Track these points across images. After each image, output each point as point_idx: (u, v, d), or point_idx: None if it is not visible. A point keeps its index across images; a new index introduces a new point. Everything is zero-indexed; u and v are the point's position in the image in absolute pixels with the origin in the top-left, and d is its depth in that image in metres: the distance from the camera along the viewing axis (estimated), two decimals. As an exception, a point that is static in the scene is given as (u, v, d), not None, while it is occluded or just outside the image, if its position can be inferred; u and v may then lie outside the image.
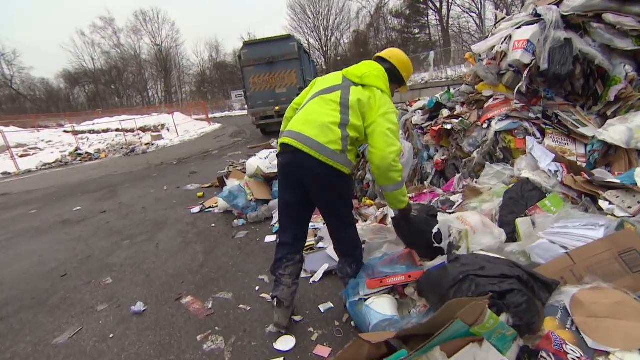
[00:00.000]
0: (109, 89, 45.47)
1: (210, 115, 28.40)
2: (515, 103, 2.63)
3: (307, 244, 2.73)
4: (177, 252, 3.16)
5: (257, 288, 2.37)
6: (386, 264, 2.01)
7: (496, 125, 2.60)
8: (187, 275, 2.68)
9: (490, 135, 2.63)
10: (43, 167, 12.61)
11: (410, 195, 2.76)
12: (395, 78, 1.91)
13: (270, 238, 3.15)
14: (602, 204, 1.62)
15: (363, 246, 2.14)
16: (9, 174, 11.74)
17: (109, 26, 42.21)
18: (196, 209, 4.32)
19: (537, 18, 2.49)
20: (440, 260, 1.64)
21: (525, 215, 1.85)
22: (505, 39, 2.63)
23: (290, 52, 10.46)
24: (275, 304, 1.89)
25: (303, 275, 2.40)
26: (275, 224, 3.38)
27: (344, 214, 1.87)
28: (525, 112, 2.59)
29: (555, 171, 2.03)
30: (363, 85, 1.73)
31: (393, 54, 1.95)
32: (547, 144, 2.31)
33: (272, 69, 10.58)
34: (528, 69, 2.53)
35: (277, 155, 1.83)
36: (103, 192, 6.50)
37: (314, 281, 2.36)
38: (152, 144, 15.52)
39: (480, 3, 27.64)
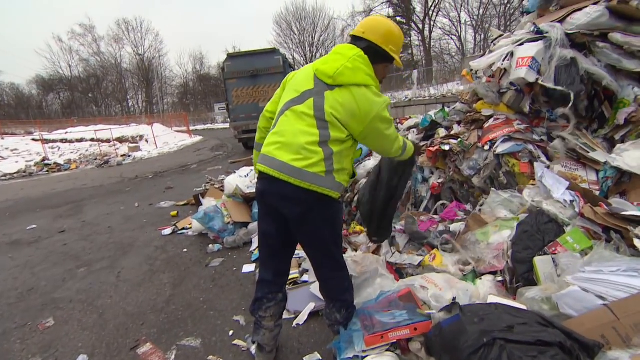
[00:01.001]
0: (87, 97, 43.89)
1: (191, 128, 27.78)
2: (518, 124, 2.45)
3: (290, 276, 2.40)
4: (140, 283, 2.74)
5: (230, 333, 2.00)
6: (384, 308, 1.71)
7: (499, 147, 2.40)
8: (149, 314, 2.28)
9: (492, 158, 2.43)
10: (3, 178, 11.69)
11: (402, 223, 2.50)
12: (380, 56, 1.49)
13: (249, 267, 2.79)
14: (638, 243, 1.40)
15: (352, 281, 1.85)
16: (-37, 185, 10.79)
17: (88, 33, 41.11)
18: (168, 231, 3.90)
19: (539, 35, 2.35)
20: (454, 313, 1.35)
21: (544, 253, 1.61)
22: (506, 56, 2.47)
23: (275, 66, 10.27)
24: (256, 348, 1.68)
25: (285, 315, 2.06)
26: (254, 250, 3.03)
27: (332, 250, 1.55)
28: (529, 134, 2.41)
29: (571, 201, 1.82)
30: (337, 85, 1.40)
31: (367, 27, 1.50)
32: (556, 169, 2.12)
33: (256, 82, 10.35)
34: (531, 88, 2.36)
35: (257, 180, 1.55)
36: (66, 207, 5.92)
37: (297, 324, 2.02)
38: (129, 156, 14.82)
39: (460, 26, 28.81)
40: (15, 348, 2.03)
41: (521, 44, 2.39)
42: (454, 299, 1.58)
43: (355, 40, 1.51)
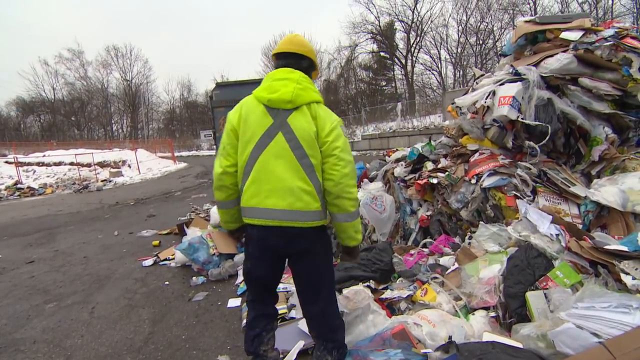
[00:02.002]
0: (69, 120, 43.08)
1: (176, 154, 27.54)
2: (503, 158, 2.55)
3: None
4: (117, 319, 2.56)
5: (214, 375, 1.87)
6: (377, 346, 1.66)
7: (485, 181, 2.48)
8: (125, 355, 2.10)
9: (479, 192, 2.49)
10: (-29, 203, 11.03)
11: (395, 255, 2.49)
12: (313, 69, 1.58)
13: (234, 302, 2.66)
14: (625, 278, 1.43)
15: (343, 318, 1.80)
16: None
17: (76, 58, 41.10)
18: (149, 262, 3.71)
19: (517, 77, 2.51)
20: (451, 353, 1.32)
21: (536, 288, 1.62)
22: (488, 95, 2.62)
23: (264, 96, 10.51)
24: None
25: (273, 356, 1.95)
26: (240, 283, 2.91)
27: (328, 279, 1.57)
28: (513, 168, 2.50)
29: (557, 235, 1.87)
30: (297, 107, 1.42)
31: (303, 46, 1.54)
32: (540, 203, 2.19)
33: (245, 111, 10.51)
34: (513, 124, 2.49)
35: (247, 228, 1.53)
36: (38, 235, 5.60)
37: (286, 365, 1.90)
38: (110, 181, 14.40)
39: (440, 63, 30.64)
40: (-32, 399, 1.82)
41: (502, 84, 2.55)
42: (450, 337, 1.55)
43: (296, 57, 1.51)
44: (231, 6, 73.70)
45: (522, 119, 2.32)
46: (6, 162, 16.99)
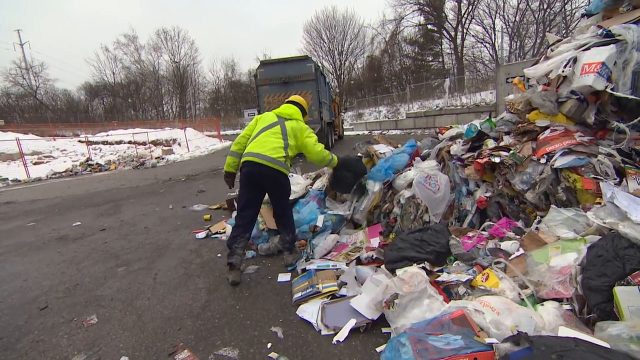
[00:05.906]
0: (126, 102, 46.65)
1: (222, 132, 28.65)
2: (580, 136, 2.24)
3: (328, 289, 2.32)
4: (176, 286, 2.76)
5: (269, 345, 1.93)
6: (436, 330, 1.59)
7: (557, 161, 2.21)
8: (186, 319, 2.26)
9: (549, 172, 2.24)
10: (53, 176, 12.55)
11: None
12: (303, 112, 3.09)
13: (284, 277, 2.73)
14: None
15: (396, 301, 1.85)
16: (19, 181, 11.73)
17: (131, 43, 43.89)
18: (202, 234, 3.94)
19: (609, 39, 2.15)
20: (523, 346, 1.21)
21: (628, 283, 1.42)
22: (567, 63, 2.28)
23: (307, 73, 10.36)
24: (229, 268, 2.71)
25: (324, 332, 1.98)
26: (289, 259, 2.98)
27: (285, 203, 2.97)
28: (594, 147, 2.20)
29: (653, 224, 1.61)
30: (291, 119, 2.90)
31: (299, 100, 3.15)
32: (631, 187, 1.90)
33: (288, 89, 10.47)
34: (597, 96, 2.16)
35: (241, 167, 2.78)
36: (106, 206, 6.21)
37: (337, 341, 1.91)
38: (163, 158, 15.46)
39: (494, 34, 27.89)
40: (63, 343, 2.07)
41: (587, 49, 2.20)
42: (517, 328, 1.43)
43: (295, 103, 3.08)
44: (272, -17, 72.74)
45: (612, 89, 1.99)
46: (79, 141, 18.91)
